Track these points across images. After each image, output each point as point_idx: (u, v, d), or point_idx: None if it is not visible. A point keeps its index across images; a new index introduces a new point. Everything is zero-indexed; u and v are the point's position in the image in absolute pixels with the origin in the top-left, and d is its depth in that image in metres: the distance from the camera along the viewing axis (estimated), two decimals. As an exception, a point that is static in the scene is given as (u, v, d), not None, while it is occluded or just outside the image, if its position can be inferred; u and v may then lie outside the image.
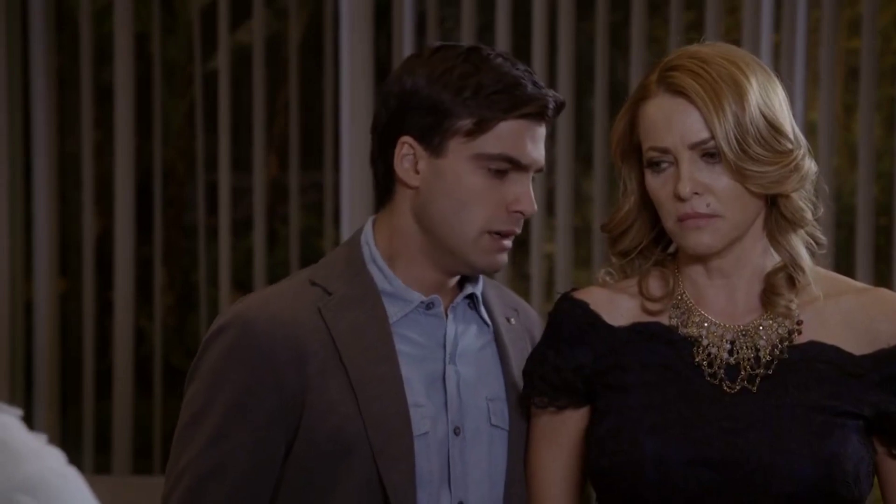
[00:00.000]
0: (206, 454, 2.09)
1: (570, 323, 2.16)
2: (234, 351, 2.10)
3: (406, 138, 2.15)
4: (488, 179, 2.13)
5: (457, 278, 2.22)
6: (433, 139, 2.14)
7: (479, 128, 2.12)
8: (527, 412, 2.21)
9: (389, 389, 2.12)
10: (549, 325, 2.19)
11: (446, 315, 2.20)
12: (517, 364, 2.22)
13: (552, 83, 4.05)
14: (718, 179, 2.08)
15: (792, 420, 2.08)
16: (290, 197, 4.35)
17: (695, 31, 4.08)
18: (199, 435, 2.10)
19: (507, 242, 2.16)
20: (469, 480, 2.16)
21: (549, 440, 2.18)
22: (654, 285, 2.17)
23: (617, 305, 2.17)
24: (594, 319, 2.16)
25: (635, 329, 2.15)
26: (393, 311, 2.17)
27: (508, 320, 2.26)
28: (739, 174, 2.07)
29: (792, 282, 2.14)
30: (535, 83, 2.15)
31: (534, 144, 2.14)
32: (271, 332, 2.10)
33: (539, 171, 2.18)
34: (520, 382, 2.20)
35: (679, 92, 2.09)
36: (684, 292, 2.16)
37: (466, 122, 2.13)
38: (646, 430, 2.08)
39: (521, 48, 4.07)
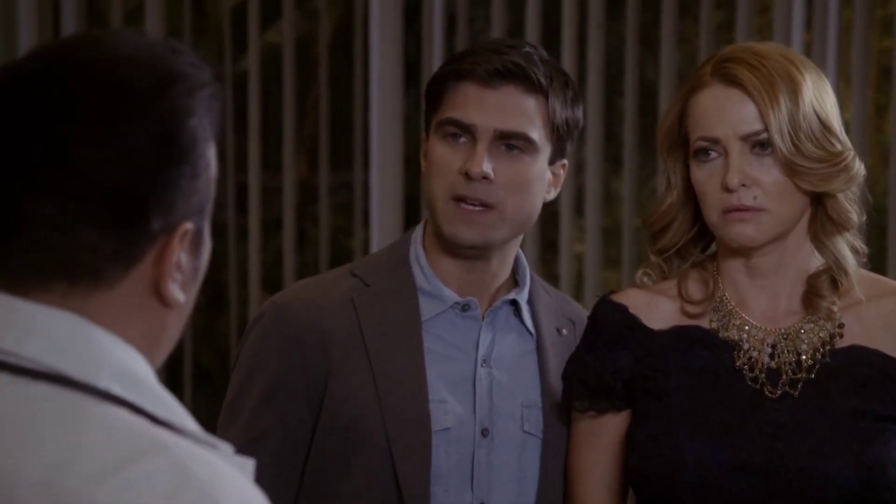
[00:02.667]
0: (240, 437, 2.14)
1: (609, 326, 2.15)
2: (267, 336, 2.17)
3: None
4: (446, 147, 2.16)
5: (500, 283, 2.22)
6: (427, 124, 2.22)
7: (437, 99, 2.18)
8: (566, 417, 2.20)
9: (410, 383, 2.14)
10: (588, 328, 2.18)
11: (483, 319, 2.20)
12: (559, 375, 2.20)
13: (582, 83, 4.04)
14: (767, 173, 2.07)
15: (834, 426, 2.06)
16: (320, 197, 4.35)
17: (725, 30, 4.07)
18: (238, 417, 2.16)
19: (471, 210, 2.14)
20: (494, 483, 2.16)
21: (589, 444, 2.17)
22: (694, 288, 2.16)
23: (656, 308, 2.16)
24: (633, 323, 2.15)
25: (675, 333, 2.14)
26: (427, 308, 2.18)
27: (559, 331, 2.25)
28: (790, 169, 2.07)
29: (835, 284, 2.12)
30: (497, 50, 2.16)
31: (481, 107, 2.14)
32: (300, 316, 2.15)
33: (504, 137, 2.15)
34: (559, 393, 2.19)
35: (734, 82, 2.09)
36: (725, 294, 2.15)
37: (432, 99, 2.19)
38: (686, 435, 2.08)
39: (551, 48, 4.05)
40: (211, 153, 1.26)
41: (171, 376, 4.45)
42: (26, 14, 4.39)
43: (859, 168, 2.11)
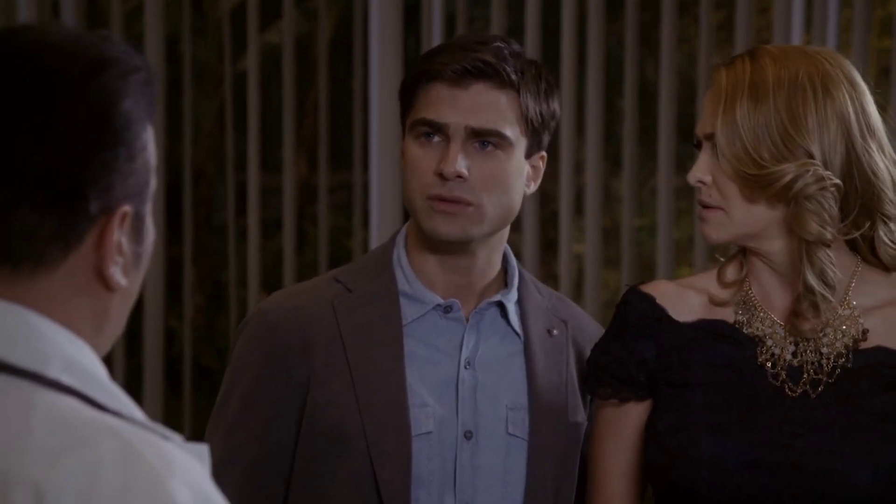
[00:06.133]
0: (223, 442, 2.17)
1: (635, 316, 2.15)
2: (251, 342, 2.19)
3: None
4: (420, 147, 2.16)
5: (486, 283, 2.22)
6: (402, 125, 2.22)
7: (410, 100, 2.18)
8: (554, 419, 2.20)
9: (390, 387, 2.14)
10: (615, 317, 2.18)
11: (468, 321, 2.20)
12: (548, 377, 2.21)
13: (581, 83, 4.04)
14: (722, 174, 2.07)
15: (854, 427, 2.06)
16: (320, 197, 4.36)
17: (725, 30, 4.07)
18: (221, 423, 2.19)
19: (446, 207, 2.14)
20: (478, 485, 2.17)
21: (611, 432, 2.17)
22: (730, 271, 2.15)
23: (684, 301, 2.16)
24: (660, 314, 2.14)
25: (700, 326, 2.13)
26: (409, 311, 2.19)
27: (550, 332, 2.24)
28: (731, 170, 2.06)
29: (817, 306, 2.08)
30: (466, 48, 2.16)
31: (452, 107, 2.14)
32: (283, 323, 2.17)
33: (477, 135, 2.15)
34: (547, 395, 2.20)
35: (716, 82, 2.09)
36: (750, 288, 2.14)
37: (405, 100, 2.20)
38: (704, 429, 2.08)
39: (551, 48, 4.06)
40: (147, 136, 1.28)
41: (171, 376, 4.46)
42: (26, 15, 4.40)
43: (804, 183, 2.03)
